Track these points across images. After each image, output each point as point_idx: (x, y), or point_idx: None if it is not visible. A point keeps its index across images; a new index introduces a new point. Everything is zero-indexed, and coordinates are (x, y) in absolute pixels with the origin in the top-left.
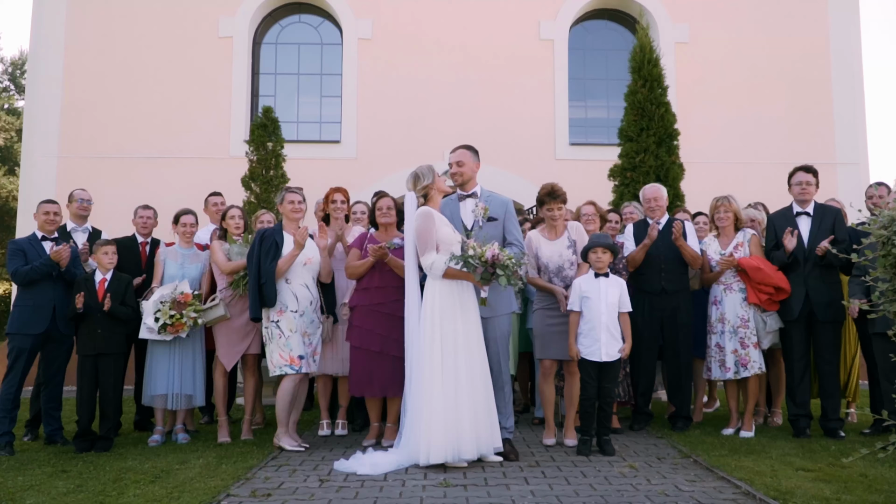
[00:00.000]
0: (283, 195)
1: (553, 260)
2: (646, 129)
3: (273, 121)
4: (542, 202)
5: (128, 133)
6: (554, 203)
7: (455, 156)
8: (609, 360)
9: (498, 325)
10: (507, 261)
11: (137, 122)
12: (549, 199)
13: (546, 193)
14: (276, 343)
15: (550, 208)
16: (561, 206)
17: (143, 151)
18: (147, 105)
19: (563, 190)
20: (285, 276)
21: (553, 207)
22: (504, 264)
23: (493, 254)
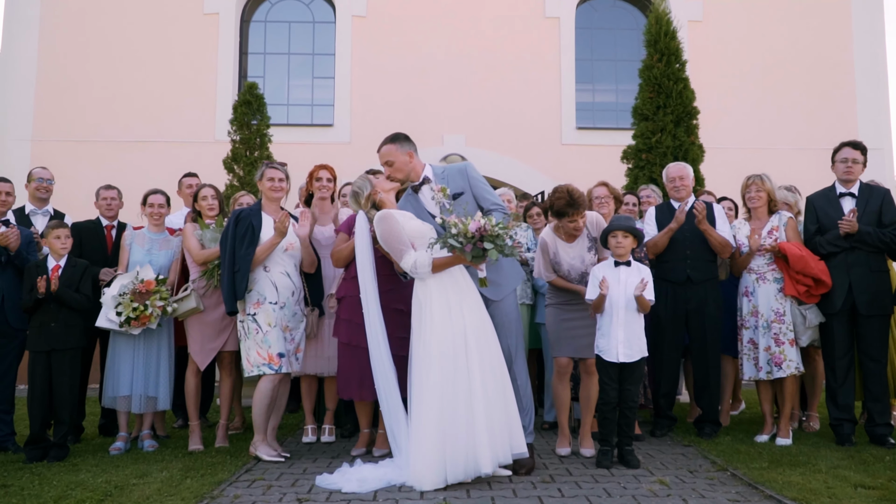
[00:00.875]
0: (263, 170)
1: (575, 267)
2: (662, 106)
3: (258, 97)
4: (562, 213)
5: (106, 115)
6: (577, 213)
7: (380, 156)
8: (627, 360)
9: (505, 308)
10: (495, 229)
11: (117, 103)
12: (571, 211)
13: (566, 204)
14: (252, 339)
15: (573, 219)
16: (583, 215)
17: (123, 135)
18: (127, 86)
19: (582, 193)
20: (264, 263)
21: (576, 218)
22: (493, 234)
23: (478, 226)
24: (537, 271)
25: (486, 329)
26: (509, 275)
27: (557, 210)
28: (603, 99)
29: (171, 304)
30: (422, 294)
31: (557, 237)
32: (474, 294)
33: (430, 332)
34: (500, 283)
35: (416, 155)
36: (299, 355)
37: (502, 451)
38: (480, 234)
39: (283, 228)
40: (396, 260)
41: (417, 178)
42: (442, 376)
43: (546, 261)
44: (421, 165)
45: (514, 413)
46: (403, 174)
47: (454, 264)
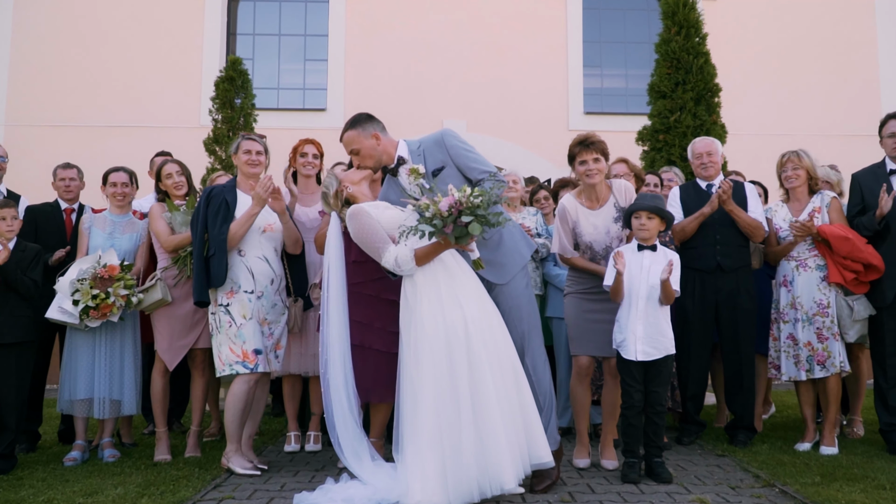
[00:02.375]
0: (238, 142)
1: (598, 239)
2: (682, 83)
3: (241, 73)
4: (573, 155)
5: (85, 99)
6: (588, 153)
7: (344, 146)
8: (647, 358)
9: (513, 291)
10: (471, 200)
11: (96, 86)
12: (582, 150)
13: (577, 143)
14: (224, 333)
15: (584, 160)
16: (598, 159)
17: (103, 119)
18: (107, 68)
19: (601, 139)
20: (238, 245)
21: (587, 159)
22: (470, 206)
23: (451, 201)
24: (555, 246)
25: (490, 319)
26: (512, 251)
27: (569, 152)
28: (612, 84)
29: (137, 294)
30: (409, 289)
31: (579, 203)
32: (472, 280)
33: (418, 332)
34: (502, 262)
35: (384, 134)
36: (280, 352)
37: (521, 462)
38: (457, 209)
39: (265, 193)
40: (377, 259)
41: (391, 161)
42: (435, 382)
43: (566, 231)
44: (393, 144)
45: (531, 414)
46: (374, 160)
47: (440, 251)
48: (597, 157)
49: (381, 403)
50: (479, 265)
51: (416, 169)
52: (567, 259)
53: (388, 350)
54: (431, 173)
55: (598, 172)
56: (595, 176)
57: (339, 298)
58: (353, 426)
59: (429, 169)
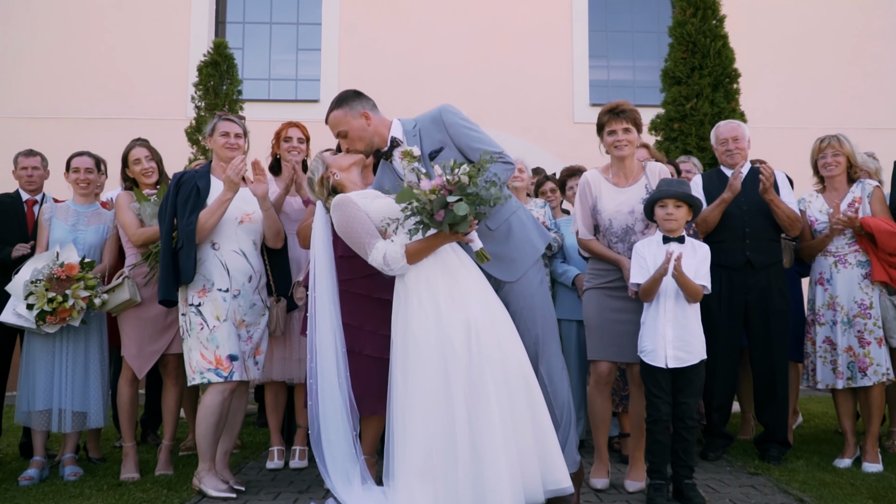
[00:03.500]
0: (214, 123)
1: (618, 218)
2: (698, 67)
3: (227, 58)
4: (602, 124)
5: (66, 90)
6: (617, 122)
7: (330, 128)
8: (678, 365)
9: (524, 289)
10: (458, 176)
11: (78, 76)
12: (611, 118)
13: (607, 110)
14: (196, 337)
15: (613, 130)
16: (629, 129)
17: (85, 111)
18: (89, 57)
19: (634, 107)
20: (211, 237)
21: (616, 129)
22: (459, 182)
23: (439, 183)
24: (575, 226)
25: (497, 324)
26: (523, 243)
27: (598, 121)
28: (619, 75)
29: (101, 294)
30: (400, 290)
31: (604, 178)
32: (475, 277)
33: (406, 343)
34: (511, 256)
35: (375, 113)
36: (259, 358)
37: (531, 487)
38: (446, 190)
39: (236, 177)
40: (363, 256)
41: (384, 143)
42: (425, 404)
43: (585, 210)
44: (386, 124)
45: (546, 432)
46: (364, 142)
47: (436, 246)
48: (627, 128)
49: (372, 416)
50: (482, 257)
51: (409, 151)
52: (585, 243)
53: (380, 356)
54: (428, 156)
55: (629, 144)
56: (625, 148)
57: (329, 297)
58: (348, 445)
59: (425, 151)
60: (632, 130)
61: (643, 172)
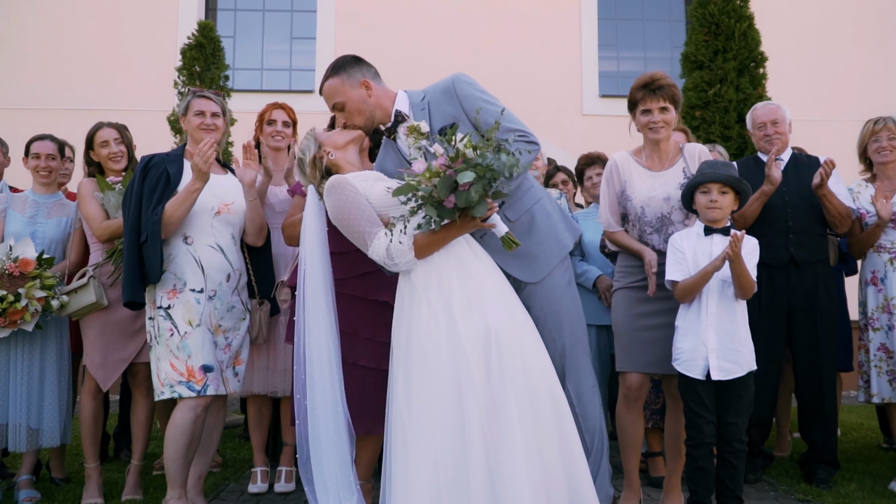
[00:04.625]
0: (188, 101)
1: (652, 205)
2: (722, 51)
3: (212, 40)
4: (634, 101)
5: (46, 79)
6: (653, 100)
7: (325, 99)
8: (724, 377)
9: (549, 290)
10: (466, 148)
11: (58, 65)
12: (646, 95)
13: (641, 85)
14: (165, 345)
15: (648, 109)
16: (667, 108)
17: (67, 101)
18: (71, 44)
19: (672, 82)
20: (183, 230)
21: (651, 108)
22: (462, 155)
23: (441, 162)
24: (600, 216)
25: (520, 331)
26: (548, 237)
27: (630, 98)
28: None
29: (60, 295)
30: (405, 291)
31: (636, 161)
32: (494, 276)
33: (411, 355)
34: (534, 253)
35: (377, 83)
36: (239, 368)
37: None
38: (451, 170)
39: (205, 164)
40: (362, 249)
41: (387, 117)
42: (433, 430)
43: (611, 197)
44: (390, 96)
45: (576, 459)
46: (364, 116)
47: (450, 238)
48: (664, 107)
49: (368, 436)
50: (510, 243)
51: (415, 126)
52: (612, 235)
53: (377, 367)
54: (438, 133)
55: (665, 125)
56: (660, 130)
57: (324, 298)
58: (343, 471)
59: (434, 127)
60: (669, 109)
61: (680, 155)
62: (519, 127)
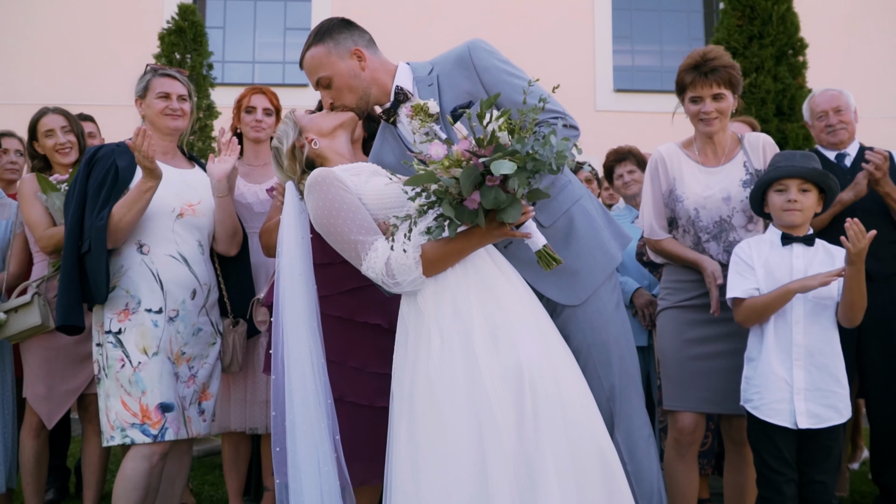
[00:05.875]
0: (148, 80)
1: (709, 206)
2: (758, 36)
3: (194, 24)
4: (683, 86)
5: (25, 72)
6: (705, 85)
7: (307, 72)
8: (811, 425)
9: (595, 315)
10: (500, 131)
11: (38, 58)
12: (697, 79)
13: (691, 66)
14: (114, 378)
15: (699, 97)
16: (722, 95)
17: (47, 96)
18: (51, 37)
19: (730, 61)
20: (136, 237)
21: (703, 95)
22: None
23: (465, 147)
24: (642, 222)
25: (559, 370)
26: (592, 247)
27: (678, 81)
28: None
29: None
30: (409, 317)
31: (686, 154)
32: (524, 299)
33: (417, 400)
34: (574, 267)
35: (372, 52)
36: (207, 404)
37: None
38: (477, 158)
39: (148, 162)
40: (353, 263)
41: (386, 96)
42: (447, 484)
43: (656, 197)
44: (388, 70)
45: None
46: (356, 94)
47: (469, 249)
48: (719, 93)
49: (360, 487)
50: (548, 260)
51: (420, 106)
52: (658, 244)
53: (370, 403)
54: (451, 114)
55: (720, 116)
56: (714, 122)
57: (306, 321)
58: None
59: (445, 107)
60: (725, 96)
61: (739, 146)
62: (556, 107)
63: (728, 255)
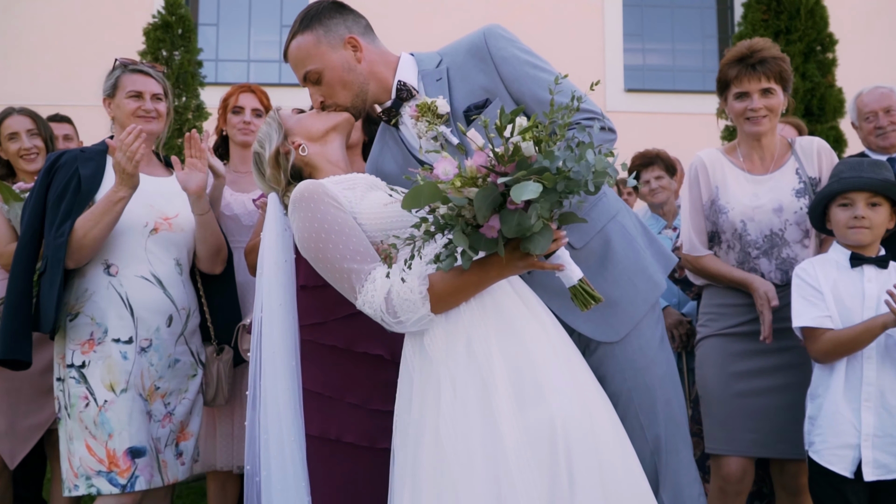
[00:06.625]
0: (117, 77)
1: (758, 218)
2: (784, 31)
3: (181, 19)
4: (726, 82)
5: (8, 74)
6: (752, 80)
7: (293, 64)
8: (886, 477)
9: (634, 356)
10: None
11: (18, 57)
12: (743, 72)
13: (735, 59)
14: (77, 418)
15: (745, 92)
16: (771, 90)
17: (28, 97)
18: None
19: (779, 53)
20: (103, 255)
21: (751, 90)
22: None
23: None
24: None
25: (594, 424)
26: (632, 272)
27: (721, 77)
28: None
29: None
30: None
31: (728, 159)
32: (552, 338)
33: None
34: (612, 297)
35: (369, 42)
36: (186, 445)
37: None
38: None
39: (129, 167)
40: (346, 296)
41: (387, 93)
42: None
43: (696, 209)
44: (389, 61)
45: None
46: (352, 91)
47: (485, 284)
48: (768, 88)
49: None
50: (584, 298)
51: (427, 105)
52: (698, 262)
53: (370, 444)
54: (464, 114)
55: (769, 114)
56: (762, 121)
57: (284, 352)
58: None
59: (457, 105)
60: (775, 92)
61: (790, 151)
62: (591, 107)
63: (781, 273)
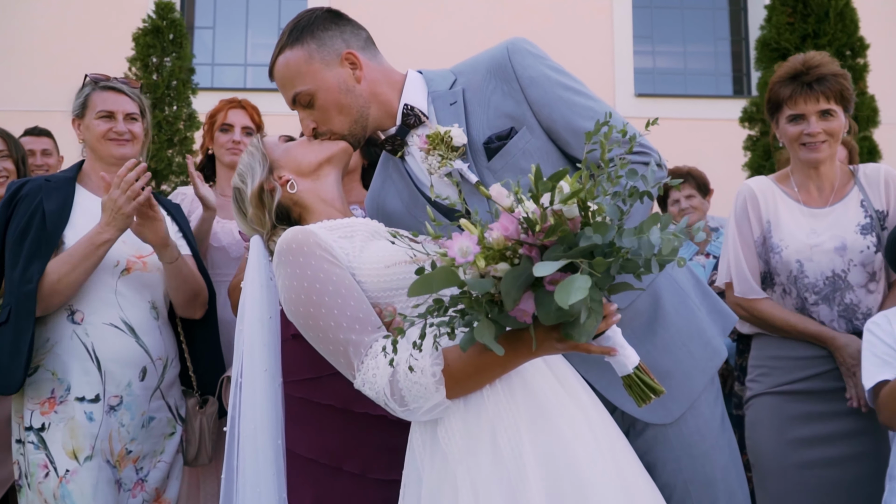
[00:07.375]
0: (87, 95)
1: (817, 258)
2: (812, 35)
3: (173, 24)
4: (778, 102)
5: None
6: (809, 100)
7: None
8: None
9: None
10: (574, 204)
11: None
12: (798, 92)
13: (788, 76)
14: (36, 490)
15: (801, 114)
16: (832, 111)
17: (19, 102)
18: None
19: (839, 69)
20: (68, 300)
21: (808, 112)
22: (560, 224)
23: (510, 231)
24: (730, 276)
25: None
26: (686, 337)
27: (772, 97)
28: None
29: None
30: (425, 456)
31: (781, 189)
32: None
33: None
34: (664, 367)
35: (370, 56)
36: None
37: None
38: (531, 248)
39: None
40: (342, 371)
41: (391, 118)
42: None
43: (747, 245)
44: (394, 81)
45: None
46: (349, 116)
47: (515, 364)
48: (828, 109)
49: None
50: (642, 391)
51: (440, 135)
52: (752, 306)
53: None
54: (484, 147)
55: (829, 139)
56: (821, 147)
57: (269, 427)
58: None
59: (476, 135)
60: (836, 114)
61: (853, 180)
62: (644, 142)
63: (845, 322)
